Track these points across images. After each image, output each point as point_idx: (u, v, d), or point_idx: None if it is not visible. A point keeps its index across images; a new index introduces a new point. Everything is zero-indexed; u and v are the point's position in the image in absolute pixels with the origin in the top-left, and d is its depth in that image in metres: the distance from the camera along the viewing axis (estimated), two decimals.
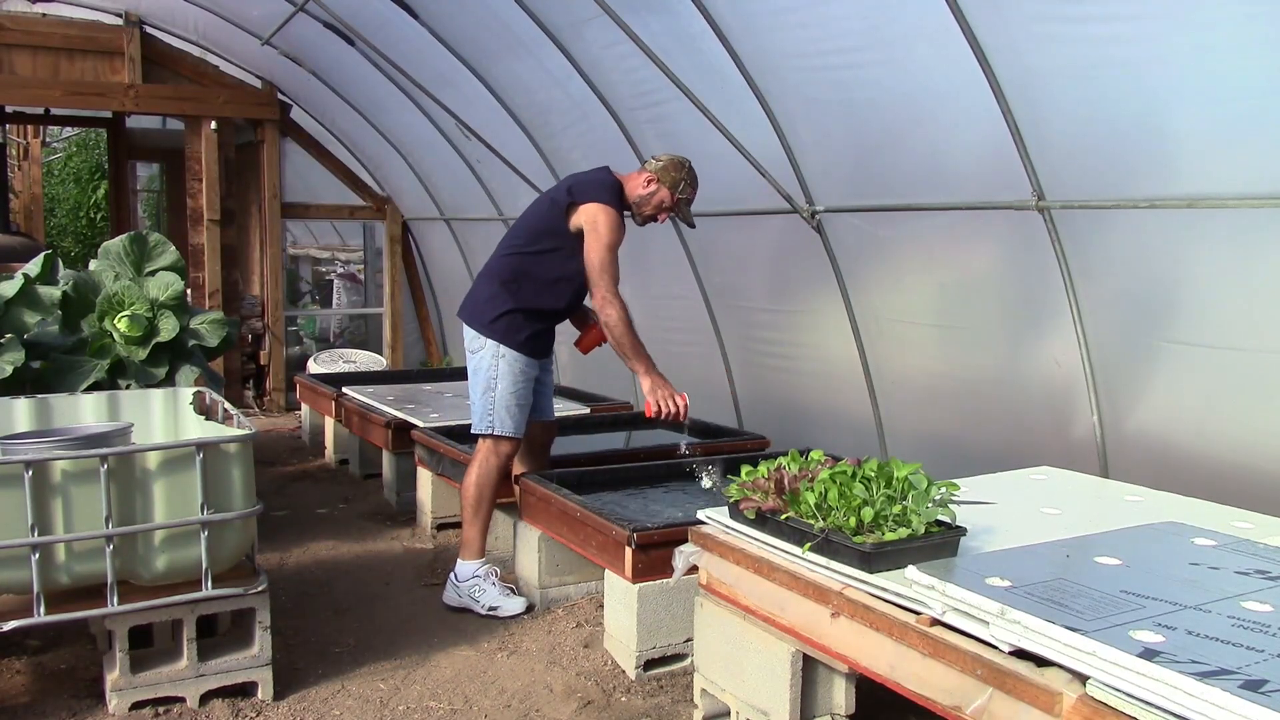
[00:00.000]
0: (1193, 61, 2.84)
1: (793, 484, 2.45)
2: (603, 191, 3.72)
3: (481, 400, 3.75)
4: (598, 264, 3.63)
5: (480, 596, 3.71)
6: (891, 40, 3.58)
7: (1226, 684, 1.56)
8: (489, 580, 3.73)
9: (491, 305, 3.76)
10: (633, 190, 3.80)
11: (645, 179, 3.78)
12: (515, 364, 3.74)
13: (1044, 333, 3.64)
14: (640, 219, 3.86)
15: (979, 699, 1.89)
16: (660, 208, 3.80)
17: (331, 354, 8.43)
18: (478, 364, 3.77)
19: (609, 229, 3.64)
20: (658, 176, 3.77)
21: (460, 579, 3.76)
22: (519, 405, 3.75)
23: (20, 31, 7.05)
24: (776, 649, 2.46)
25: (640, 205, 3.80)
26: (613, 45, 4.63)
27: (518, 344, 3.74)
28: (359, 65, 6.51)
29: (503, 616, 3.64)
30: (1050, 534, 2.47)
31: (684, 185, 3.80)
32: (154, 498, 2.74)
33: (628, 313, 3.66)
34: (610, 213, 3.67)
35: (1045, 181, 3.36)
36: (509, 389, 3.73)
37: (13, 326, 4.13)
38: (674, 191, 3.78)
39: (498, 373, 3.72)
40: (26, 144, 12.58)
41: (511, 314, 3.74)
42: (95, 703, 2.91)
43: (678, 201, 3.80)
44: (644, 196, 3.78)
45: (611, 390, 6.10)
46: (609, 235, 3.64)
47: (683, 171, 3.79)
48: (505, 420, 3.73)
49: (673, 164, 3.79)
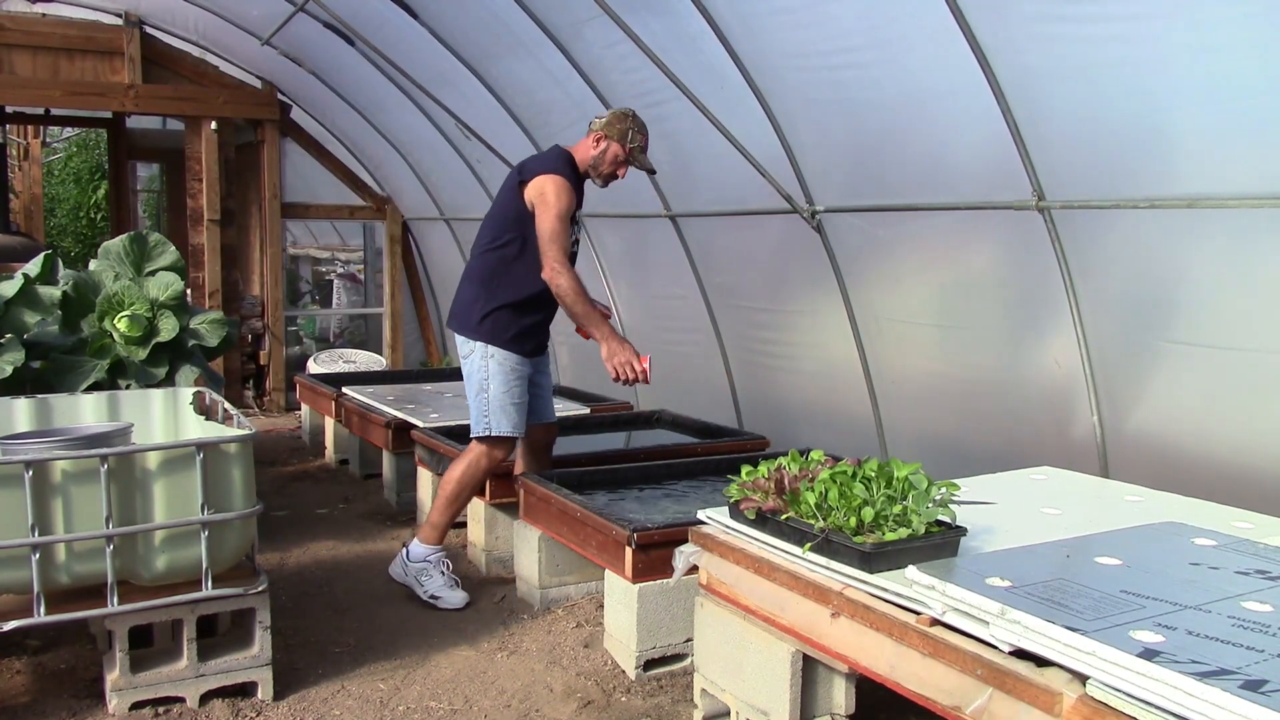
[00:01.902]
0: (1193, 61, 2.84)
1: (793, 484, 2.45)
2: (549, 162, 3.74)
3: (476, 402, 3.76)
4: (546, 233, 3.60)
5: (425, 582, 3.76)
6: (891, 40, 3.58)
7: (1226, 684, 1.56)
8: (438, 568, 3.78)
9: (475, 307, 3.77)
10: (584, 155, 3.78)
11: (593, 139, 3.76)
12: (506, 363, 3.73)
13: (1044, 333, 3.64)
14: (601, 180, 3.83)
15: (979, 699, 1.89)
16: (616, 163, 3.78)
17: (331, 354, 8.43)
18: (470, 368, 3.77)
19: (556, 195, 3.62)
20: (604, 133, 3.74)
21: (411, 558, 3.81)
22: (514, 404, 3.75)
23: (20, 31, 7.05)
24: (776, 649, 2.46)
25: (596, 166, 3.78)
26: (613, 45, 4.63)
27: (506, 342, 3.73)
28: (359, 65, 6.51)
29: (442, 609, 3.69)
30: (1050, 534, 2.47)
31: (632, 134, 3.75)
32: (154, 498, 2.74)
33: (579, 281, 3.62)
34: (557, 180, 3.65)
35: (1045, 181, 3.36)
36: (502, 388, 3.72)
37: (13, 326, 4.13)
38: (624, 143, 3.74)
39: (489, 373, 3.73)
40: (26, 144, 12.58)
41: (497, 312, 3.73)
42: (95, 703, 2.91)
43: (631, 152, 3.76)
44: (597, 156, 3.76)
45: (611, 390, 6.10)
46: (557, 203, 3.61)
47: (627, 121, 3.76)
48: (502, 420, 3.72)
49: (616, 116, 3.77)
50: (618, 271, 6.09)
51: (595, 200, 5.91)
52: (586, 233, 6.10)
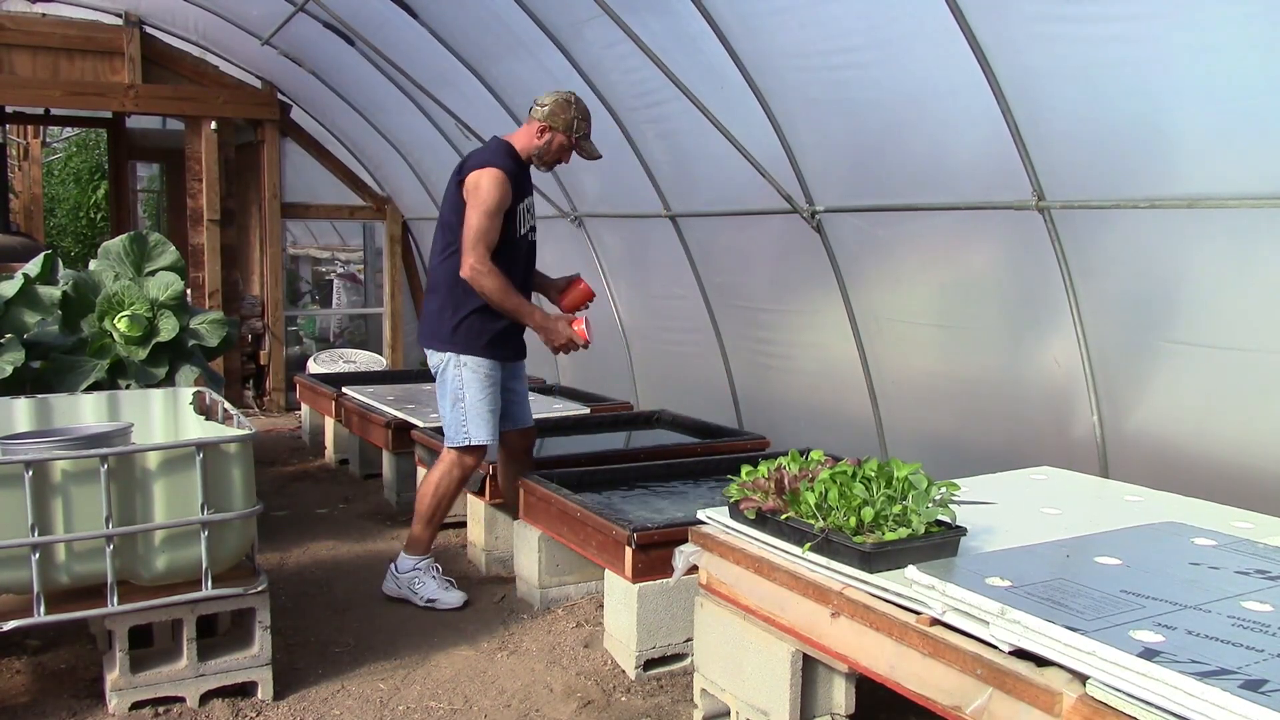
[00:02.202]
0: (1193, 61, 2.84)
1: (793, 484, 2.45)
2: (486, 156, 3.69)
3: (453, 413, 3.71)
4: (473, 231, 3.56)
5: (419, 589, 3.76)
6: (891, 40, 3.58)
7: (1226, 684, 1.56)
8: (429, 573, 3.78)
9: (445, 317, 3.71)
10: (527, 144, 3.73)
11: (537, 129, 3.71)
12: (479, 370, 3.69)
13: (1044, 333, 3.63)
14: (545, 167, 3.82)
15: (979, 699, 1.89)
16: (562, 151, 3.75)
17: (331, 354, 8.43)
18: (442, 378, 3.74)
19: (489, 190, 3.57)
20: (549, 124, 3.69)
21: (400, 570, 3.82)
22: (490, 411, 3.71)
23: (20, 31, 7.05)
24: (776, 649, 2.46)
25: (541, 156, 3.74)
26: (613, 45, 4.63)
27: (480, 349, 3.68)
28: (359, 65, 6.51)
29: (441, 610, 3.69)
30: (1050, 534, 2.47)
31: (577, 122, 3.72)
32: (154, 498, 2.74)
33: (501, 278, 3.58)
34: (492, 173, 3.59)
35: (1045, 181, 3.36)
36: (477, 396, 3.68)
37: (13, 326, 4.13)
38: (570, 133, 3.71)
39: (463, 382, 3.68)
40: (26, 144, 12.58)
41: (468, 319, 3.68)
42: (95, 703, 2.91)
43: (576, 141, 3.74)
44: (541, 147, 3.72)
45: (611, 390, 6.11)
46: (488, 198, 3.56)
47: (571, 109, 3.71)
48: (480, 429, 3.69)
49: (559, 105, 3.71)
50: (618, 271, 6.09)
51: (595, 200, 5.94)
52: (587, 232, 6.11)
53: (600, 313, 6.28)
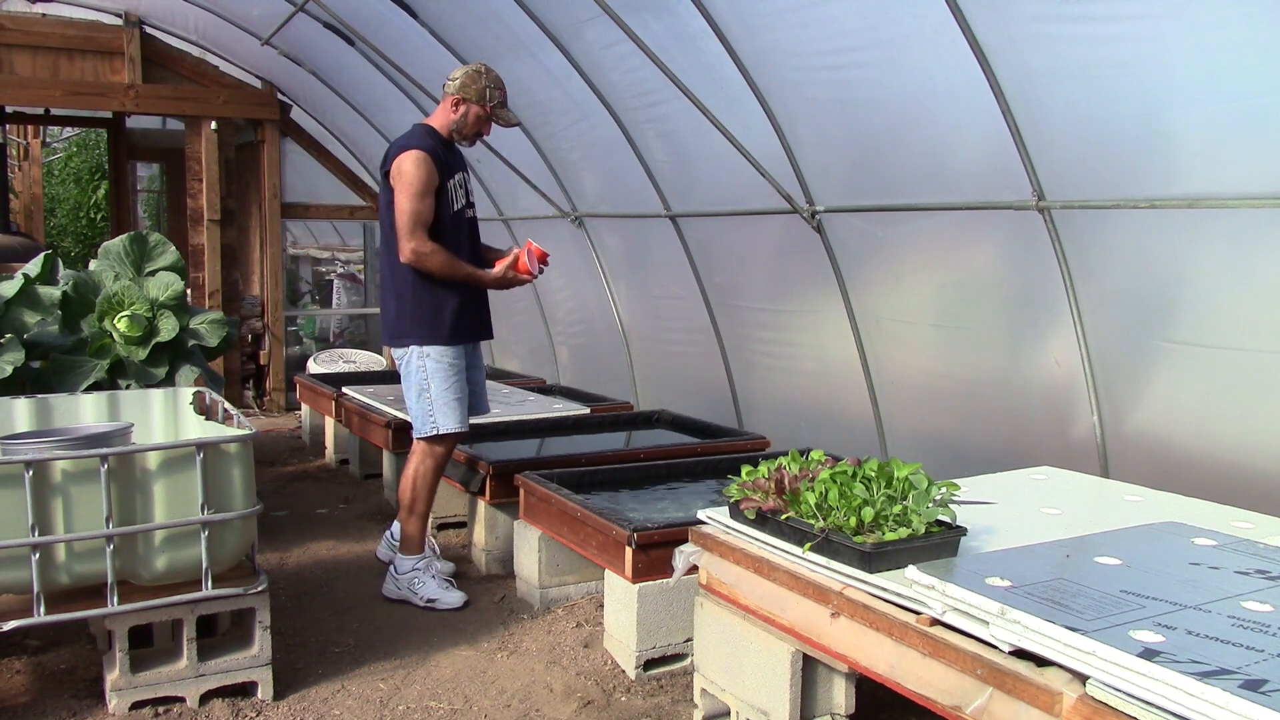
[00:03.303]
0: (1193, 61, 2.84)
1: (793, 484, 2.45)
2: (405, 140, 3.74)
3: (418, 404, 3.74)
4: (405, 215, 3.59)
5: (419, 589, 3.77)
6: (891, 40, 3.58)
7: (1226, 684, 1.56)
8: (428, 573, 3.80)
9: (402, 313, 3.75)
10: (445, 121, 3.77)
11: (451, 103, 3.74)
12: (442, 359, 3.72)
13: (1044, 333, 3.63)
14: (468, 142, 3.84)
15: (979, 699, 1.89)
16: (480, 122, 3.78)
17: (331, 354, 8.43)
18: (407, 372, 3.78)
19: (413, 170, 3.60)
20: (461, 96, 3.73)
21: (399, 572, 3.83)
22: (457, 399, 3.75)
23: (20, 31, 7.05)
24: (776, 649, 2.46)
25: (460, 130, 3.77)
26: (613, 45, 4.63)
27: (441, 337, 3.72)
28: (359, 65, 6.51)
29: (440, 609, 3.71)
30: (1050, 534, 2.47)
31: (490, 91, 3.74)
32: (154, 498, 2.74)
33: (443, 252, 3.62)
34: (412, 154, 3.62)
35: (1045, 181, 3.36)
36: (442, 385, 3.72)
37: (13, 326, 4.13)
38: (484, 102, 3.74)
39: (428, 372, 3.72)
40: (26, 144, 12.58)
41: (423, 308, 3.71)
42: (95, 703, 2.91)
43: (492, 110, 3.76)
44: (458, 121, 3.75)
45: (611, 390, 6.11)
46: (414, 180, 3.59)
47: (483, 79, 3.74)
48: (448, 417, 3.72)
49: (470, 76, 3.74)
50: (618, 271, 6.09)
51: (595, 200, 5.94)
52: (587, 232, 6.11)
53: (600, 313, 6.29)
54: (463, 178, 3.83)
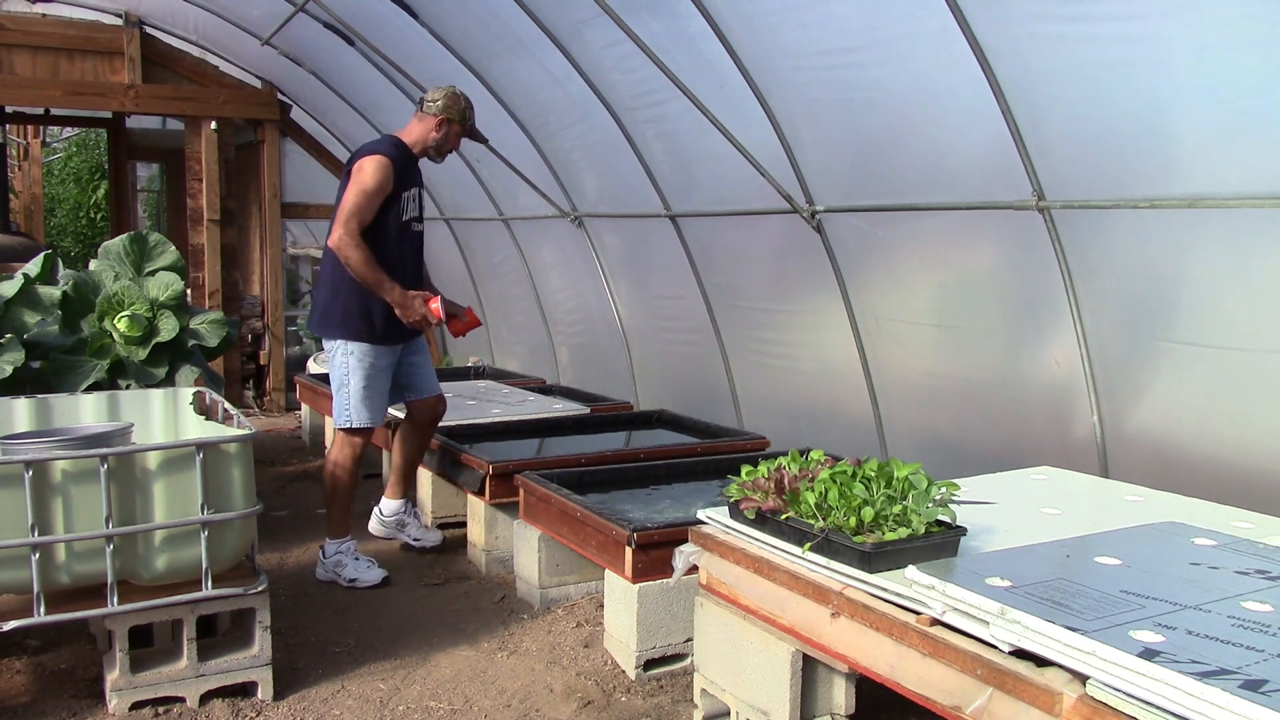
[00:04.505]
0: (1193, 61, 2.84)
1: (793, 484, 2.45)
2: (374, 145, 3.95)
3: (338, 396, 3.98)
4: (347, 206, 3.78)
5: (342, 571, 4.00)
6: (892, 40, 3.58)
7: (1226, 684, 1.56)
8: (349, 556, 4.02)
9: (332, 306, 3.94)
10: (423, 137, 3.98)
11: (435, 123, 3.96)
12: (365, 359, 3.92)
13: (1044, 333, 3.63)
14: (441, 157, 4.07)
15: (979, 699, 1.89)
16: (458, 138, 4.06)
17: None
18: (332, 364, 4.00)
19: (372, 173, 3.79)
20: (447, 116, 3.97)
21: (326, 556, 4.04)
22: (376, 395, 3.98)
23: (20, 31, 7.05)
24: (776, 649, 2.46)
25: (440, 147, 4.01)
26: (613, 45, 4.63)
27: (363, 333, 3.90)
28: (359, 65, 6.51)
29: (361, 587, 3.93)
30: (1050, 534, 2.47)
31: (468, 111, 4.03)
32: (154, 498, 2.74)
33: (366, 250, 3.76)
34: (376, 159, 3.82)
35: (1045, 181, 3.36)
36: (360, 384, 3.93)
37: (13, 326, 4.13)
38: (464, 122, 4.03)
39: (349, 369, 3.93)
40: (26, 144, 12.59)
41: (347, 304, 3.89)
42: (95, 703, 2.91)
43: (469, 128, 4.06)
44: (439, 139, 3.99)
45: (611, 390, 6.10)
46: (371, 180, 3.79)
47: (461, 100, 4.02)
48: (361, 412, 3.95)
49: (451, 98, 3.99)
50: (618, 271, 6.09)
51: (595, 200, 5.94)
52: (587, 232, 6.10)
53: (600, 313, 6.29)
54: (418, 193, 4.06)
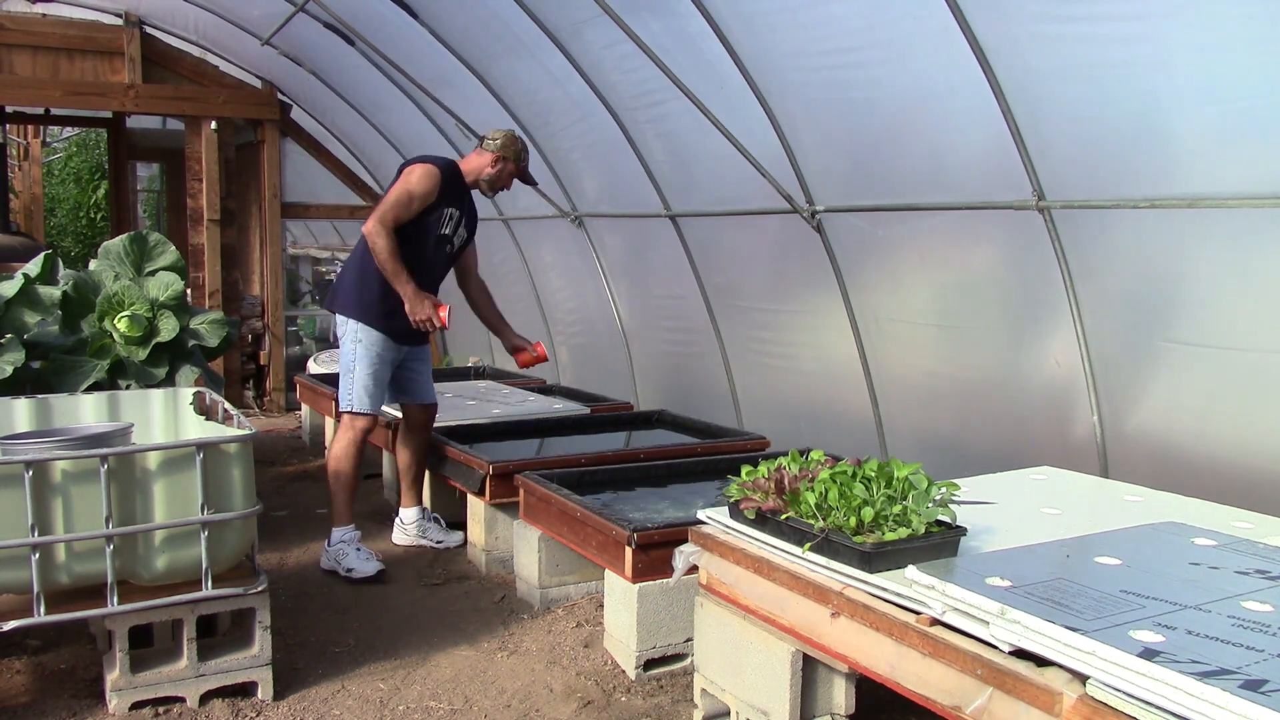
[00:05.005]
0: (1193, 61, 2.84)
1: (793, 484, 2.45)
2: (430, 157, 4.13)
3: (343, 381, 4.15)
4: (387, 201, 3.98)
5: (343, 560, 4.08)
6: (892, 40, 3.58)
7: (1226, 684, 1.56)
8: (351, 546, 4.11)
9: (353, 289, 4.12)
10: (479, 169, 4.18)
11: (492, 159, 4.17)
12: (373, 347, 4.09)
13: (1044, 333, 3.63)
14: (492, 192, 4.27)
15: (979, 699, 1.89)
16: (511, 177, 4.25)
17: (331, 354, 8.40)
18: (343, 348, 4.16)
19: (419, 178, 4.00)
20: (504, 154, 4.17)
21: (331, 544, 4.14)
22: (377, 385, 4.13)
23: (20, 31, 7.05)
24: (776, 649, 2.46)
25: (493, 182, 4.20)
26: (613, 45, 4.63)
27: (375, 321, 4.07)
28: (359, 65, 6.51)
29: (356, 578, 4.01)
30: (1050, 534, 2.47)
31: (523, 154, 4.25)
32: (154, 498, 2.74)
33: (394, 243, 3.93)
34: (427, 167, 4.03)
35: (1045, 181, 3.36)
36: (366, 371, 4.09)
37: (13, 326, 4.13)
38: (518, 162, 4.22)
39: (356, 356, 4.10)
40: (26, 144, 12.58)
41: (367, 291, 4.07)
42: (95, 703, 2.91)
43: (522, 170, 4.26)
44: (495, 174, 4.18)
45: (611, 390, 6.10)
46: (415, 184, 3.99)
47: (519, 143, 4.23)
48: (363, 400, 4.11)
49: (509, 139, 4.20)
50: (618, 271, 6.09)
51: (595, 200, 5.94)
52: (587, 232, 6.11)
53: (600, 313, 6.29)
54: (458, 215, 4.20)
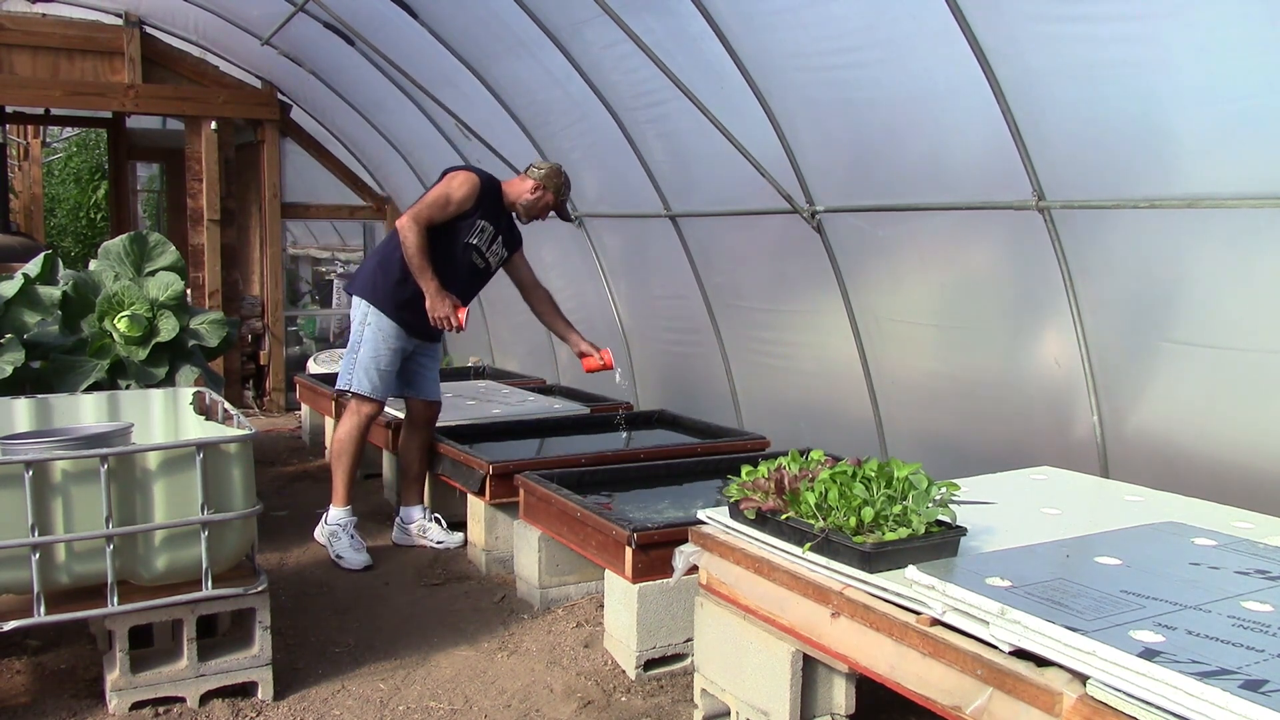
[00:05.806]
0: (1193, 61, 2.84)
1: (793, 484, 2.45)
2: (475, 168, 4.20)
3: (346, 359, 4.20)
4: (426, 200, 4.04)
5: (335, 544, 4.20)
6: (892, 40, 3.58)
7: (1226, 684, 1.56)
8: (346, 532, 4.21)
9: (374, 274, 4.17)
10: (519, 193, 4.21)
11: (532, 186, 4.21)
12: (380, 331, 4.11)
13: (1044, 333, 3.63)
14: (527, 218, 4.29)
15: (979, 699, 1.89)
16: (546, 209, 4.28)
17: (331, 354, 8.41)
18: (353, 328, 4.19)
19: (460, 183, 4.05)
20: (544, 184, 4.20)
21: (329, 521, 4.25)
22: (379, 370, 4.14)
23: (20, 31, 7.05)
24: (776, 649, 2.46)
25: (529, 208, 4.23)
26: (613, 45, 4.63)
27: (388, 307, 4.10)
28: (359, 65, 6.51)
29: (344, 568, 4.11)
30: (1050, 534, 2.47)
31: (564, 188, 4.28)
32: (154, 498, 2.74)
33: (424, 240, 3.98)
34: (469, 176, 4.08)
35: (1045, 181, 3.36)
36: (370, 353, 4.12)
37: (13, 326, 4.13)
38: (558, 195, 4.25)
39: (362, 337, 4.13)
40: (26, 144, 12.58)
41: (395, 283, 4.10)
42: (95, 703, 2.91)
43: (560, 204, 4.30)
44: (532, 201, 4.21)
45: (612, 390, 6.10)
46: (453, 189, 4.04)
47: (561, 177, 4.26)
48: (362, 380, 4.12)
49: (552, 171, 4.23)
50: (618, 271, 6.09)
51: (595, 200, 5.94)
52: (587, 232, 6.11)
53: (600, 313, 6.29)
54: (492, 231, 4.21)
